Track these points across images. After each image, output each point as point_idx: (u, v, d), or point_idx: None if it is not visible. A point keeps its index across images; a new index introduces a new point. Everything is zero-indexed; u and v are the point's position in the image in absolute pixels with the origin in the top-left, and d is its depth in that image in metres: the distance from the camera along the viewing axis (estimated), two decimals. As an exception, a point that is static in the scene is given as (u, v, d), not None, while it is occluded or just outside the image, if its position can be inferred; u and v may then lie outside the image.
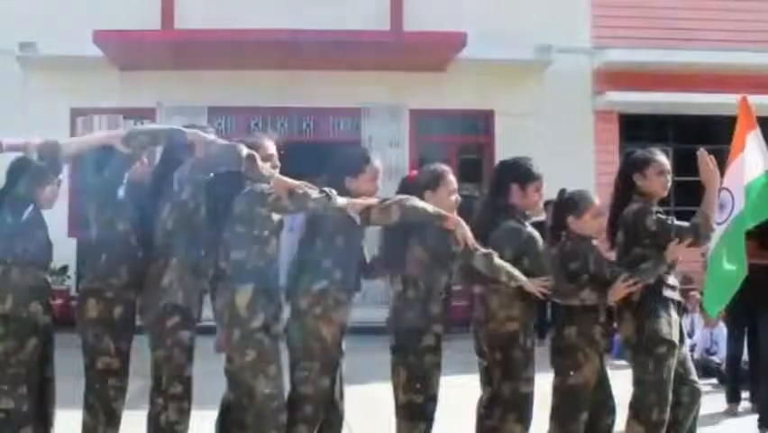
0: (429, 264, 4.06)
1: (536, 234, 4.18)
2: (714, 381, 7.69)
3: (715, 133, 11.08)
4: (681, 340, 4.33)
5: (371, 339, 5.17)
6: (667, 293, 4.26)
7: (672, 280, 4.31)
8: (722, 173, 4.59)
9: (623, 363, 4.67)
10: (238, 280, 3.84)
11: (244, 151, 3.74)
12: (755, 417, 5.99)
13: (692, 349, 7.46)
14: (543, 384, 4.23)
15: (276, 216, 3.90)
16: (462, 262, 4.07)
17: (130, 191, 4.13)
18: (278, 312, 3.91)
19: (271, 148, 4.10)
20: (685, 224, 4.20)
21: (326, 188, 3.74)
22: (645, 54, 11.79)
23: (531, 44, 11.53)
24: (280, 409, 3.81)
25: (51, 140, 3.84)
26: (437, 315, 4.06)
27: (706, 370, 7.69)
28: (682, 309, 4.53)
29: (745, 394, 6.59)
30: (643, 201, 4.31)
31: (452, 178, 4.21)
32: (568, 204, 4.34)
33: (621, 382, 4.40)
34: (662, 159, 4.40)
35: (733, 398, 6.55)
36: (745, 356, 6.71)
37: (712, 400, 6.39)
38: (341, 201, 3.76)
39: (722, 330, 7.70)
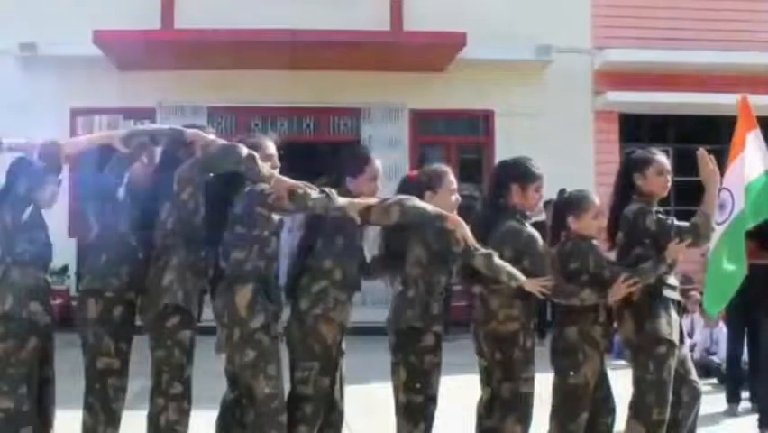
0: (429, 264, 4.06)
1: (536, 234, 4.18)
2: (714, 381, 7.68)
3: (715, 133, 11.11)
4: (681, 340, 4.33)
5: (371, 339, 5.16)
6: (667, 293, 4.25)
7: (672, 280, 4.30)
8: (722, 173, 4.59)
9: (623, 363, 4.67)
10: (238, 280, 3.83)
11: (244, 151, 3.74)
12: (755, 417, 5.99)
13: (692, 349, 7.45)
14: (543, 384, 4.23)
15: (276, 216, 3.90)
16: (462, 262, 4.07)
17: (130, 191, 4.13)
18: (278, 312, 3.91)
19: (271, 148, 4.10)
20: (685, 224, 4.19)
21: (326, 189, 3.74)
22: (645, 54, 11.79)
23: (531, 44, 11.55)
24: (280, 410, 3.81)
25: (51, 140, 3.84)
26: (437, 315, 4.05)
27: (706, 370, 7.69)
28: (682, 309, 4.53)
29: (745, 394, 6.59)
30: (643, 201, 4.30)
31: (452, 178, 4.20)
32: (568, 204, 4.34)
33: (621, 382, 4.40)
34: (663, 159, 4.40)
35: (733, 398, 6.55)
36: (745, 356, 6.71)
37: (712, 400, 6.38)
38: (341, 201, 3.75)
39: (722, 330, 7.70)
